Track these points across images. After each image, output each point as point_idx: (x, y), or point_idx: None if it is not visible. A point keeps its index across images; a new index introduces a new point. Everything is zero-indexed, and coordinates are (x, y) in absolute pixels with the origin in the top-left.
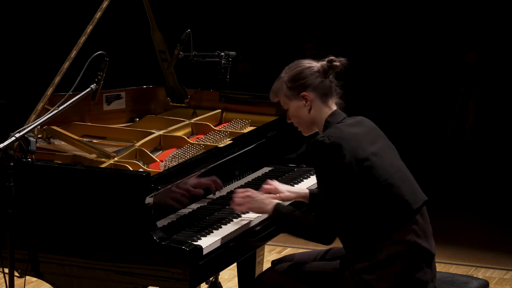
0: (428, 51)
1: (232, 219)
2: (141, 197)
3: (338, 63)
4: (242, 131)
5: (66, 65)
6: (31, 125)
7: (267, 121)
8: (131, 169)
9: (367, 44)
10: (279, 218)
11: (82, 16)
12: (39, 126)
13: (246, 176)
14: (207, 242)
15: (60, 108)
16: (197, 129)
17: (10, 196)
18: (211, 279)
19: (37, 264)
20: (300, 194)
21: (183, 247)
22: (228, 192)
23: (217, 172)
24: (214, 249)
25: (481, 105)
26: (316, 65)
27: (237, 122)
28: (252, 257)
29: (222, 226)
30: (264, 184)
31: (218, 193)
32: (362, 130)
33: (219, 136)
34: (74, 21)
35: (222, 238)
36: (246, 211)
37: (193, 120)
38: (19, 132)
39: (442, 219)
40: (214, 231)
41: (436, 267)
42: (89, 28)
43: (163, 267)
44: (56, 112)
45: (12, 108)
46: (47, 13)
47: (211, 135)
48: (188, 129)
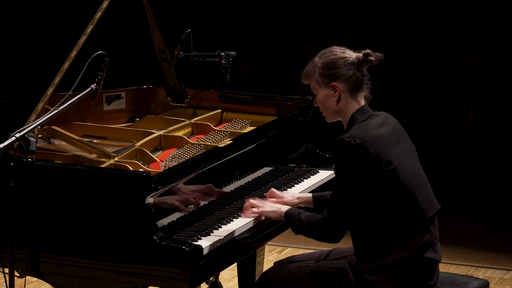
0: (429, 51)
1: (232, 219)
2: (142, 197)
3: (374, 58)
4: (242, 131)
5: (66, 65)
6: (31, 125)
7: (267, 121)
8: (132, 169)
9: (368, 44)
10: (290, 221)
11: (82, 16)
12: (39, 126)
13: (246, 176)
14: (207, 242)
15: (60, 108)
16: (197, 129)
17: (10, 196)
18: (211, 279)
19: (37, 264)
20: (303, 199)
21: (183, 247)
22: (229, 192)
23: (217, 172)
24: (214, 249)
25: (481, 105)
26: (351, 56)
27: (237, 122)
28: (252, 257)
29: (222, 226)
30: (270, 191)
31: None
32: (387, 131)
33: (219, 136)
34: (74, 21)
35: (222, 238)
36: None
37: (193, 120)
38: (19, 132)
39: (442, 219)
40: (214, 231)
41: None
42: (89, 28)
43: (163, 267)
44: (56, 112)
45: (12, 108)
46: (47, 13)
47: (211, 135)
48: (188, 129)
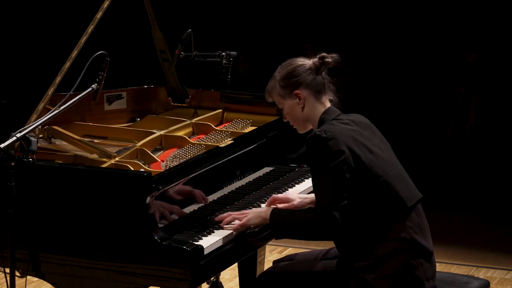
0: (429, 51)
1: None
2: (142, 197)
3: (330, 59)
4: (243, 131)
5: (67, 65)
6: (32, 125)
7: (268, 121)
8: (132, 169)
9: (368, 44)
10: (278, 222)
11: (83, 16)
12: (40, 126)
13: (247, 176)
14: (208, 242)
15: (61, 108)
16: (198, 129)
17: (11, 196)
18: (212, 279)
19: (38, 264)
20: (313, 200)
21: (184, 247)
22: (230, 192)
23: (218, 172)
24: (215, 249)
25: (482, 105)
26: (308, 63)
27: (238, 122)
28: (253, 257)
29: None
30: (272, 198)
31: (220, 193)
32: (358, 127)
33: (220, 136)
34: (75, 21)
35: (223, 238)
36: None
37: (194, 120)
38: (20, 132)
39: (443, 219)
40: (215, 231)
41: (437, 267)
42: (90, 28)
43: (164, 267)
44: (57, 112)
45: (13, 108)
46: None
47: (212, 135)
48: (189, 129)
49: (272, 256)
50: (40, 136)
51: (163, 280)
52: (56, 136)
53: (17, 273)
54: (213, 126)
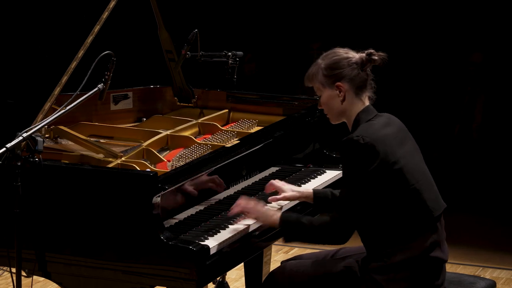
0: (436, 51)
1: (239, 219)
2: (148, 197)
3: (377, 57)
4: (249, 131)
5: (74, 65)
6: (39, 125)
7: (274, 121)
8: (138, 169)
9: (374, 44)
10: (289, 226)
11: (90, 16)
12: (47, 126)
13: (253, 176)
14: (214, 242)
15: (68, 108)
16: (204, 129)
17: (18, 196)
18: (218, 279)
19: (45, 264)
20: (304, 194)
21: (190, 247)
22: (236, 192)
23: (224, 172)
24: (221, 249)
25: (488, 105)
26: (355, 56)
27: (244, 122)
28: (259, 257)
29: (229, 226)
30: (269, 183)
31: (226, 193)
32: (392, 131)
33: (226, 136)
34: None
35: (229, 238)
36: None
37: (200, 120)
38: (27, 132)
39: (449, 219)
40: (221, 231)
41: None
42: (96, 28)
43: (170, 267)
44: (63, 112)
45: (20, 108)
46: (55, 13)
47: (218, 135)
48: (195, 129)
49: (279, 256)
50: (46, 136)
51: (169, 280)
52: (62, 136)
53: (24, 273)
54: (219, 126)
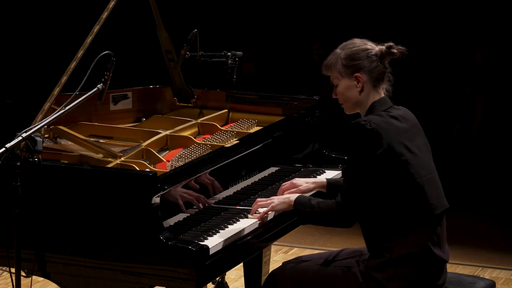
0: (436, 52)
1: (239, 219)
2: (148, 197)
3: (397, 51)
4: (249, 131)
5: (73, 65)
6: (38, 125)
7: (274, 121)
8: (138, 169)
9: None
10: (301, 207)
11: (89, 16)
12: (46, 126)
13: (253, 176)
14: (214, 242)
15: (67, 108)
16: (204, 129)
17: (17, 196)
18: (218, 279)
19: (44, 264)
20: (318, 184)
21: (190, 247)
22: (235, 192)
23: (224, 172)
24: (221, 249)
25: (488, 105)
26: (375, 49)
27: (244, 122)
28: (259, 257)
29: (229, 226)
30: (280, 189)
31: (225, 193)
32: (404, 125)
33: (226, 136)
34: (81, 21)
35: (229, 238)
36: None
37: (200, 120)
38: (26, 132)
39: (449, 219)
40: (221, 231)
41: None
42: (96, 28)
43: (170, 267)
44: (63, 112)
45: (19, 108)
46: (54, 13)
47: (218, 135)
48: (195, 129)
49: (278, 256)
50: (46, 136)
51: (169, 280)
52: (62, 136)
53: (23, 273)
54: (219, 126)
